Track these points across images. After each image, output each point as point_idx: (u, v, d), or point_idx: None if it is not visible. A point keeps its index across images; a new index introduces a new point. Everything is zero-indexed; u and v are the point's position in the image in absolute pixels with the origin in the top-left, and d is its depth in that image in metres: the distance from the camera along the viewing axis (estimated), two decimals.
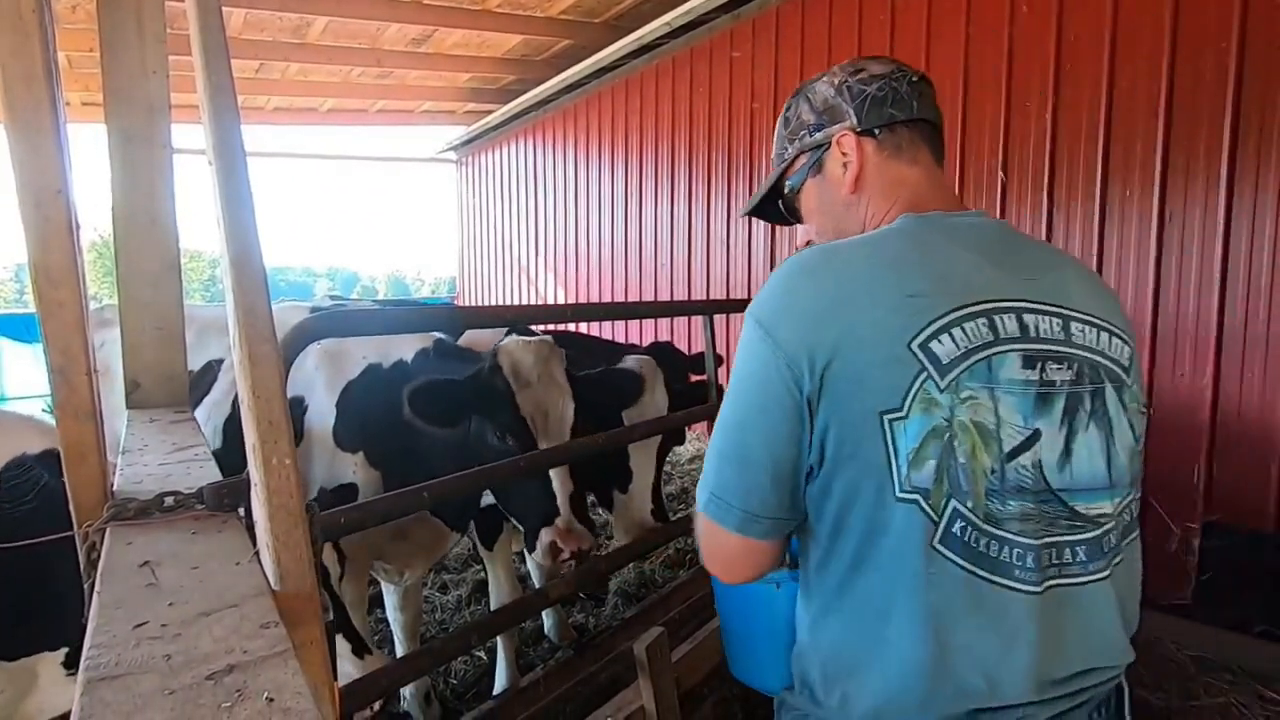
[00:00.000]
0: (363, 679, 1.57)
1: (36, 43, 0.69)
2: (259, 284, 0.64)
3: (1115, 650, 0.82)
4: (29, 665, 1.52)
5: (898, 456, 0.73)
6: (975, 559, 0.75)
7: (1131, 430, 0.82)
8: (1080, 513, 0.78)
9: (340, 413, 2.15)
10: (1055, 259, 0.88)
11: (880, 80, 0.90)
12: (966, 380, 0.73)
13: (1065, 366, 0.78)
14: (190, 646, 0.49)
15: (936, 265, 0.79)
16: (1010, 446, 0.74)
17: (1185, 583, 2.98)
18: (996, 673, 0.76)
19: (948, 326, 0.74)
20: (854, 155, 0.90)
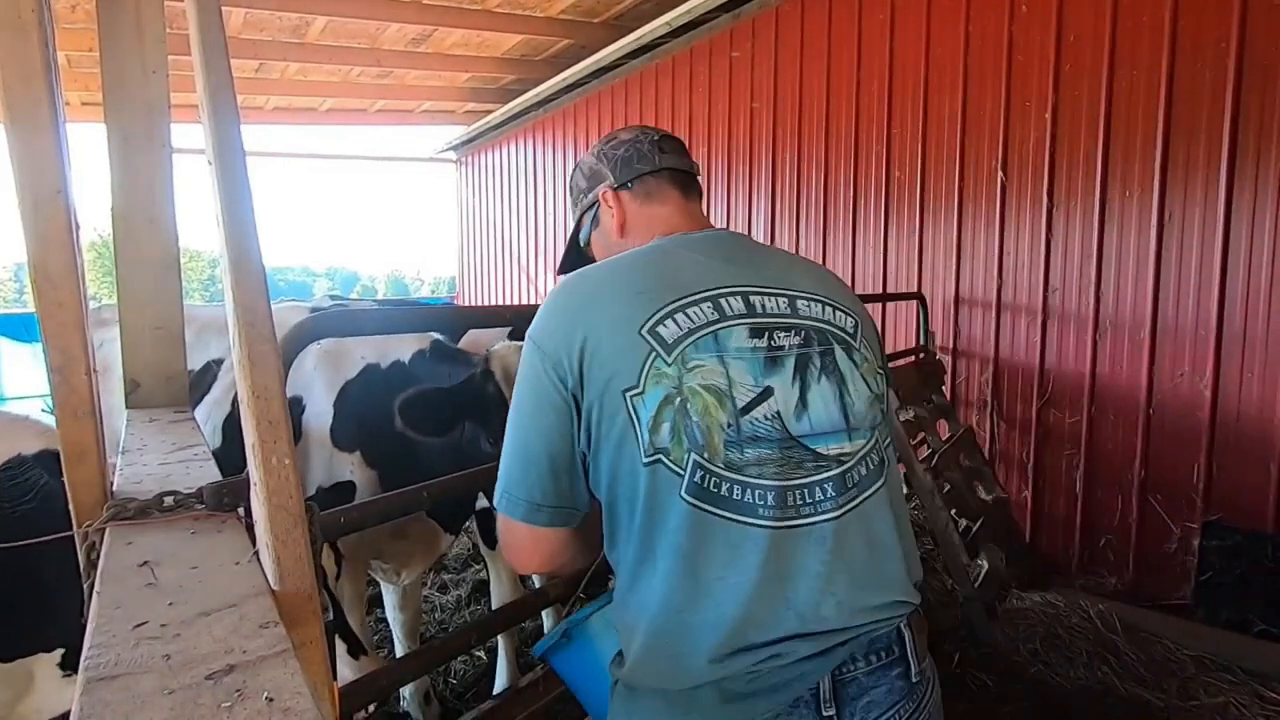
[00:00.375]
0: (363, 679, 1.57)
1: (35, 42, 0.69)
2: (258, 284, 0.64)
3: (879, 585, 0.91)
4: (25, 666, 1.52)
5: (640, 425, 0.86)
6: (719, 502, 0.86)
7: (866, 384, 0.97)
8: (821, 454, 0.90)
9: (338, 412, 2.15)
10: (784, 257, 1.06)
11: (627, 144, 1.12)
12: (692, 353, 0.88)
13: (793, 333, 0.93)
14: (190, 646, 0.49)
15: (667, 267, 0.95)
16: (743, 403, 0.88)
17: (1185, 583, 2.98)
18: (753, 606, 0.85)
19: (672, 312, 0.89)
20: (615, 206, 1.11)
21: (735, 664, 0.86)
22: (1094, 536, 3.31)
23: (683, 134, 5.67)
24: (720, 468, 0.86)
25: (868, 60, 4.21)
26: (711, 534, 0.86)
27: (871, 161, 4.24)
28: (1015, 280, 3.55)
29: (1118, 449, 3.21)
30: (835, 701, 0.88)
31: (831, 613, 0.87)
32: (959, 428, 3.50)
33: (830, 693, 0.88)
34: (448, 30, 6.22)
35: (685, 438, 0.86)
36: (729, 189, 5.32)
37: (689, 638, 0.86)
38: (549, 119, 7.71)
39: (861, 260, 4.35)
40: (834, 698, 0.88)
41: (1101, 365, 3.24)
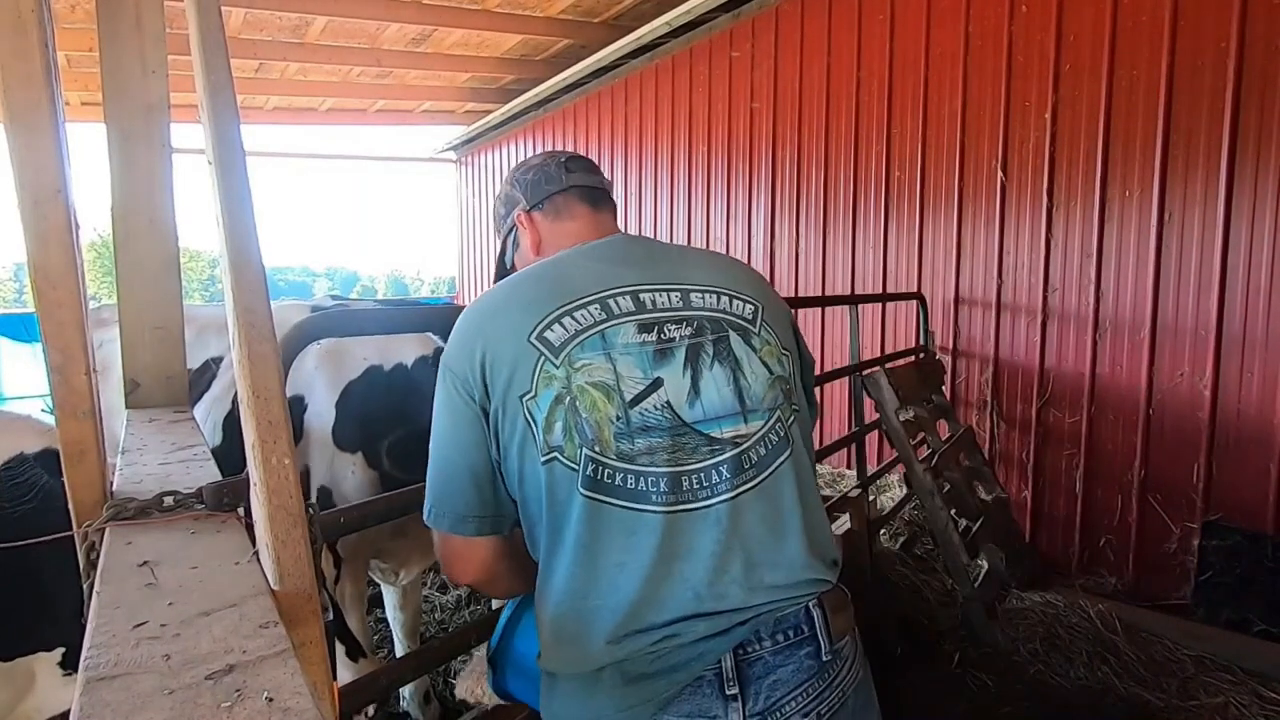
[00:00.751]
0: (362, 679, 1.57)
1: (35, 42, 0.69)
2: (258, 283, 0.64)
3: (784, 564, 0.93)
4: (26, 665, 1.52)
5: (536, 427, 0.91)
6: (613, 492, 0.90)
7: (766, 366, 1.00)
8: (715, 437, 0.93)
9: (340, 413, 2.15)
10: (684, 254, 1.10)
11: (535, 169, 1.18)
12: (578, 353, 0.92)
13: (684, 325, 0.97)
14: (189, 646, 0.49)
15: (559, 276, 1.00)
16: (631, 395, 0.92)
17: (1185, 583, 2.98)
18: (650, 588, 0.88)
19: (559, 317, 0.94)
20: (529, 227, 1.16)
21: (633, 644, 0.89)
22: (1094, 536, 3.31)
23: (683, 134, 5.68)
24: (612, 459, 0.90)
25: (868, 60, 4.20)
26: (608, 523, 0.90)
27: (871, 161, 4.24)
28: (1015, 280, 3.55)
29: (1118, 449, 3.21)
30: (739, 680, 0.89)
31: (729, 591, 0.90)
32: (959, 428, 3.50)
33: (733, 671, 0.89)
34: (447, 30, 6.22)
35: (576, 434, 0.90)
36: (729, 189, 5.32)
37: (589, 622, 0.90)
38: (549, 119, 7.71)
39: (861, 260, 4.35)
40: (737, 677, 0.89)
41: (1101, 365, 3.24)
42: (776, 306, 1.08)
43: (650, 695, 0.89)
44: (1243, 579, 2.76)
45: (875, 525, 2.98)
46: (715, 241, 5.48)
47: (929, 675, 2.49)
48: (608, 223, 1.16)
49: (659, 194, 6.06)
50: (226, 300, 0.66)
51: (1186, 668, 2.48)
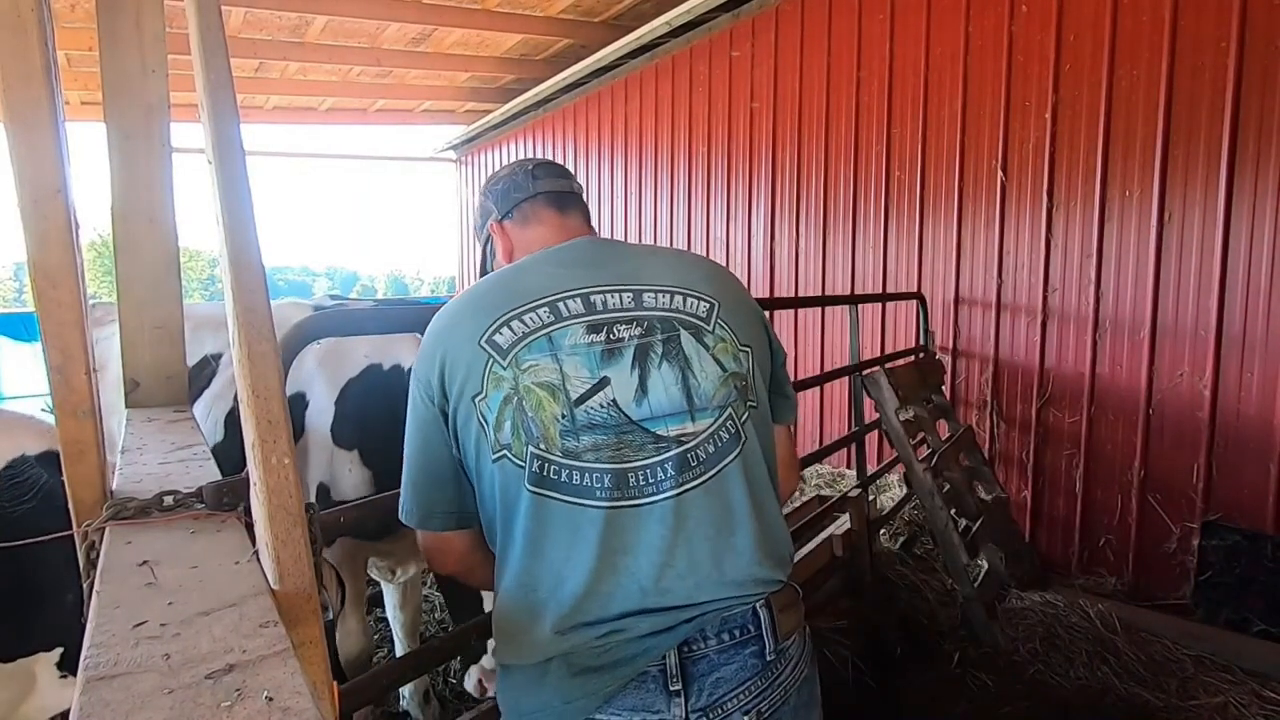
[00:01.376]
0: (362, 678, 1.57)
1: (35, 41, 0.69)
2: (258, 283, 0.64)
3: (730, 564, 0.94)
4: (26, 666, 1.52)
5: (488, 426, 0.94)
6: (559, 488, 0.92)
7: (719, 364, 1.00)
8: (661, 435, 0.94)
9: (339, 410, 2.16)
10: (640, 254, 1.09)
11: (504, 179, 1.21)
12: (525, 355, 0.95)
13: (634, 325, 0.98)
14: (189, 646, 0.49)
15: (514, 282, 1.02)
16: (577, 395, 0.94)
17: (1184, 582, 2.98)
18: (594, 582, 0.90)
19: (508, 320, 0.97)
20: (501, 235, 1.21)
21: (578, 637, 0.91)
22: (1094, 536, 3.31)
23: (682, 134, 5.68)
24: (558, 456, 0.92)
25: (868, 60, 4.20)
26: (553, 518, 0.92)
27: (871, 161, 4.24)
28: (1015, 280, 3.55)
29: (1117, 449, 3.21)
30: (682, 677, 0.92)
31: (674, 587, 0.91)
32: (959, 427, 3.50)
33: (677, 668, 0.92)
34: (447, 30, 6.22)
35: (523, 432, 0.93)
36: (729, 189, 5.32)
37: (537, 614, 0.92)
38: (549, 119, 7.71)
39: (861, 260, 4.35)
40: (681, 673, 0.92)
41: (1101, 365, 3.24)
42: (737, 302, 1.08)
43: (596, 689, 0.91)
44: (1242, 579, 2.76)
45: (875, 525, 2.98)
46: (715, 241, 5.48)
47: (929, 675, 2.49)
48: (574, 225, 1.18)
49: (659, 194, 6.06)
50: (226, 300, 0.66)
51: (1186, 667, 2.48)
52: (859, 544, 2.72)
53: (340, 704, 1.35)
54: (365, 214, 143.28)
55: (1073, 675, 2.47)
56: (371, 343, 2.22)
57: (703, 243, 5.60)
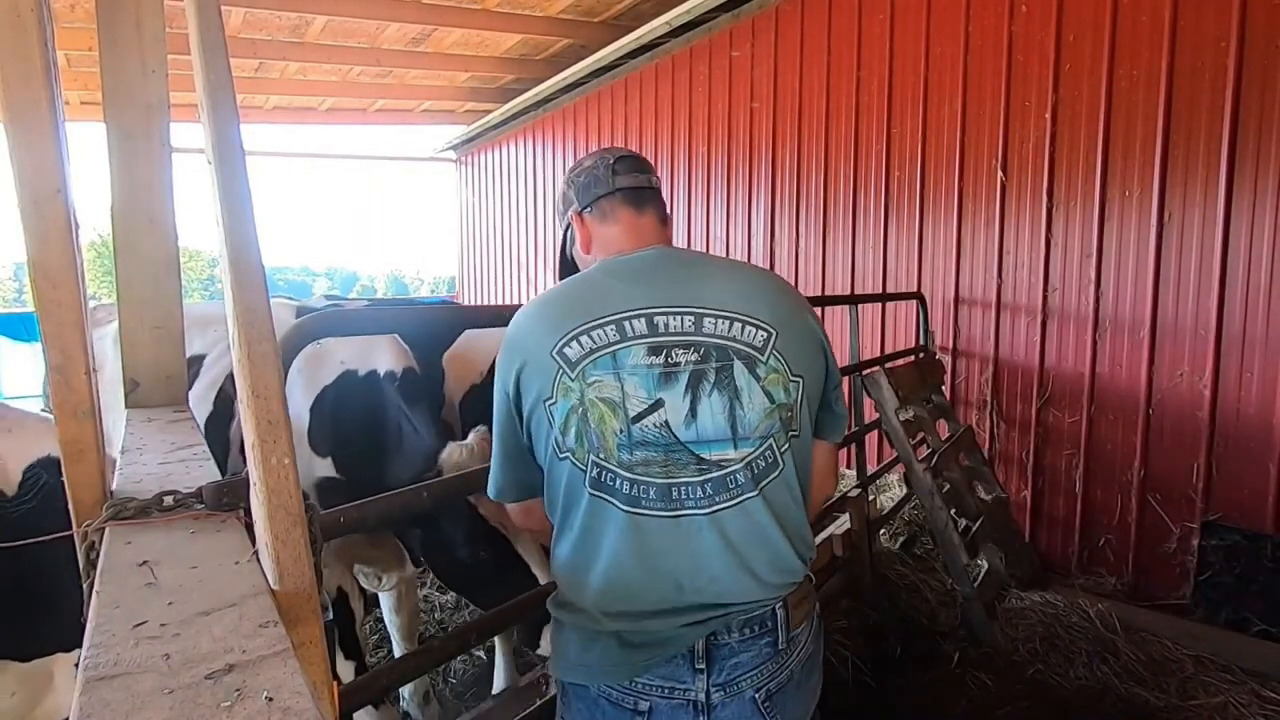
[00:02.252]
0: (362, 678, 1.57)
1: (35, 41, 0.69)
2: (258, 283, 0.64)
3: (751, 574, 1.06)
4: (44, 666, 1.52)
5: (555, 429, 1.06)
6: (613, 494, 1.04)
7: (768, 395, 1.08)
8: (705, 459, 1.05)
9: (314, 416, 2.13)
10: (706, 273, 1.14)
11: (586, 171, 1.26)
12: (591, 370, 1.05)
13: (691, 350, 1.06)
14: (189, 646, 0.49)
15: (584, 295, 1.11)
16: (635, 413, 1.04)
17: (1184, 582, 2.98)
18: (637, 579, 1.04)
19: (578, 335, 1.06)
20: (580, 228, 1.26)
21: (621, 623, 1.07)
22: (1093, 536, 3.31)
23: (682, 134, 5.68)
24: (614, 466, 1.04)
25: (868, 60, 4.20)
26: (607, 518, 1.05)
27: (871, 161, 4.24)
28: (1015, 280, 3.55)
29: (1117, 449, 3.21)
30: (706, 659, 1.07)
31: (705, 589, 1.05)
32: (959, 427, 3.50)
33: (704, 653, 1.07)
34: (447, 30, 6.22)
35: (586, 441, 1.05)
36: (729, 189, 5.32)
37: (586, 595, 1.08)
38: (549, 119, 7.71)
39: (861, 260, 4.35)
40: (706, 657, 1.07)
41: (1101, 365, 3.24)
42: (796, 330, 1.12)
43: (636, 660, 1.07)
44: (1242, 579, 2.76)
45: (875, 525, 2.98)
46: (715, 241, 5.48)
47: (929, 675, 2.49)
48: (648, 227, 1.23)
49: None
50: (226, 300, 0.66)
51: (1186, 667, 2.48)
52: (859, 544, 2.72)
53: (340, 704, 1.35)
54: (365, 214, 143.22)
55: (1073, 675, 2.47)
56: (349, 348, 2.17)
57: (702, 242, 5.60)
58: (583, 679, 1.11)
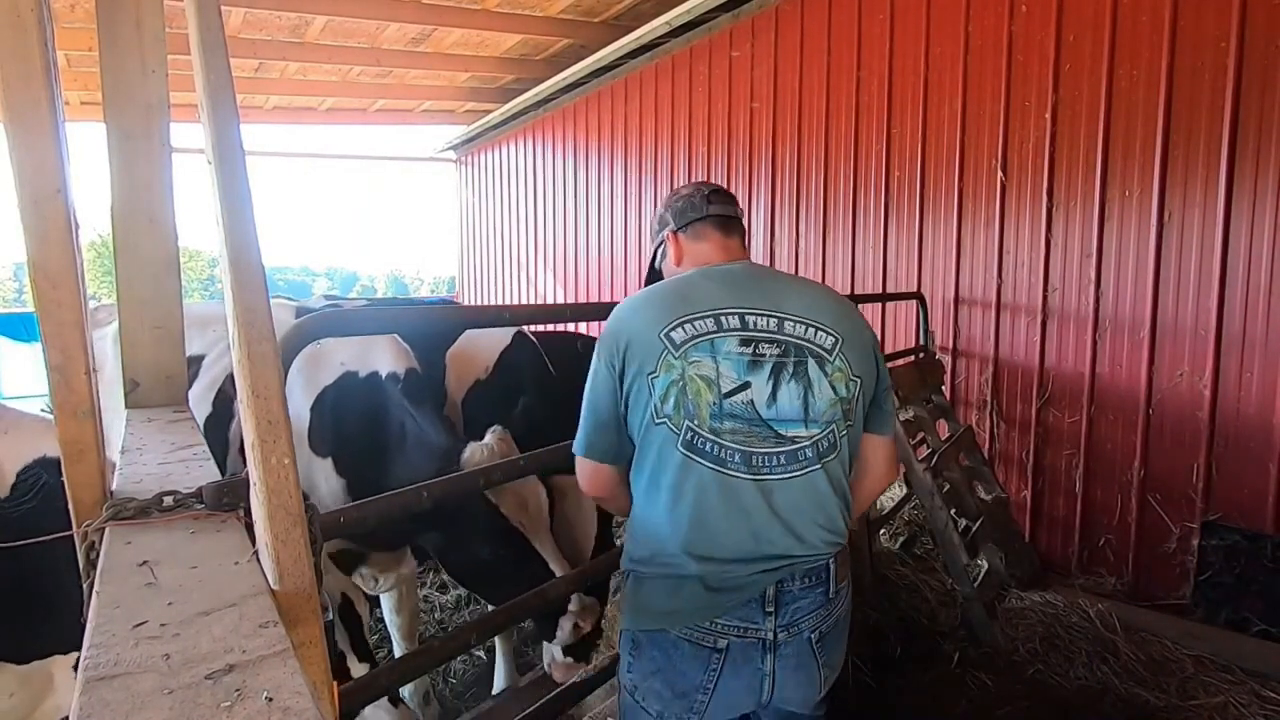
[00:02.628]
0: (362, 678, 1.58)
1: (35, 41, 0.69)
2: (258, 283, 0.64)
3: (815, 532, 1.28)
4: (43, 668, 1.51)
5: (654, 397, 1.26)
6: (703, 455, 1.25)
7: (833, 389, 1.30)
8: (782, 434, 1.27)
9: (315, 416, 2.12)
10: (786, 285, 1.38)
11: (684, 198, 1.50)
12: (693, 352, 1.26)
13: (774, 345, 1.29)
14: (189, 646, 0.49)
15: (686, 292, 1.33)
16: (726, 390, 1.25)
17: (1184, 582, 2.98)
18: (722, 530, 1.24)
19: (681, 323, 1.27)
20: (674, 245, 1.50)
21: (706, 567, 1.25)
22: (1093, 536, 3.31)
23: (682, 134, 5.69)
24: (705, 432, 1.24)
25: (868, 60, 4.20)
26: (696, 475, 1.24)
27: (871, 161, 4.24)
28: (1015, 280, 3.55)
29: (1117, 449, 3.21)
30: (776, 604, 1.27)
31: (776, 541, 1.26)
32: (959, 427, 3.50)
33: (773, 598, 1.27)
34: (447, 30, 6.22)
35: (682, 409, 1.24)
36: (728, 189, 5.31)
37: (676, 544, 1.26)
38: (549, 119, 7.71)
39: (861, 260, 4.35)
40: (775, 601, 1.27)
41: (1101, 365, 3.24)
42: (857, 339, 1.35)
43: (717, 603, 1.25)
44: (1242, 579, 2.76)
45: (875, 525, 2.98)
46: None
47: (929, 675, 2.49)
48: (733, 246, 1.47)
49: (659, 194, 6.06)
50: (226, 300, 0.66)
51: (1186, 667, 2.48)
52: (859, 544, 2.71)
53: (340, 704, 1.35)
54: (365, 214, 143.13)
55: (1073, 675, 2.47)
56: (349, 351, 2.17)
57: None
58: (666, 624, 1.28)
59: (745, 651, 1.27)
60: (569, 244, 7.50)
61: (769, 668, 1.28)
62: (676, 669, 1.28)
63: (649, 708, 1.32)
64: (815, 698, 1.36)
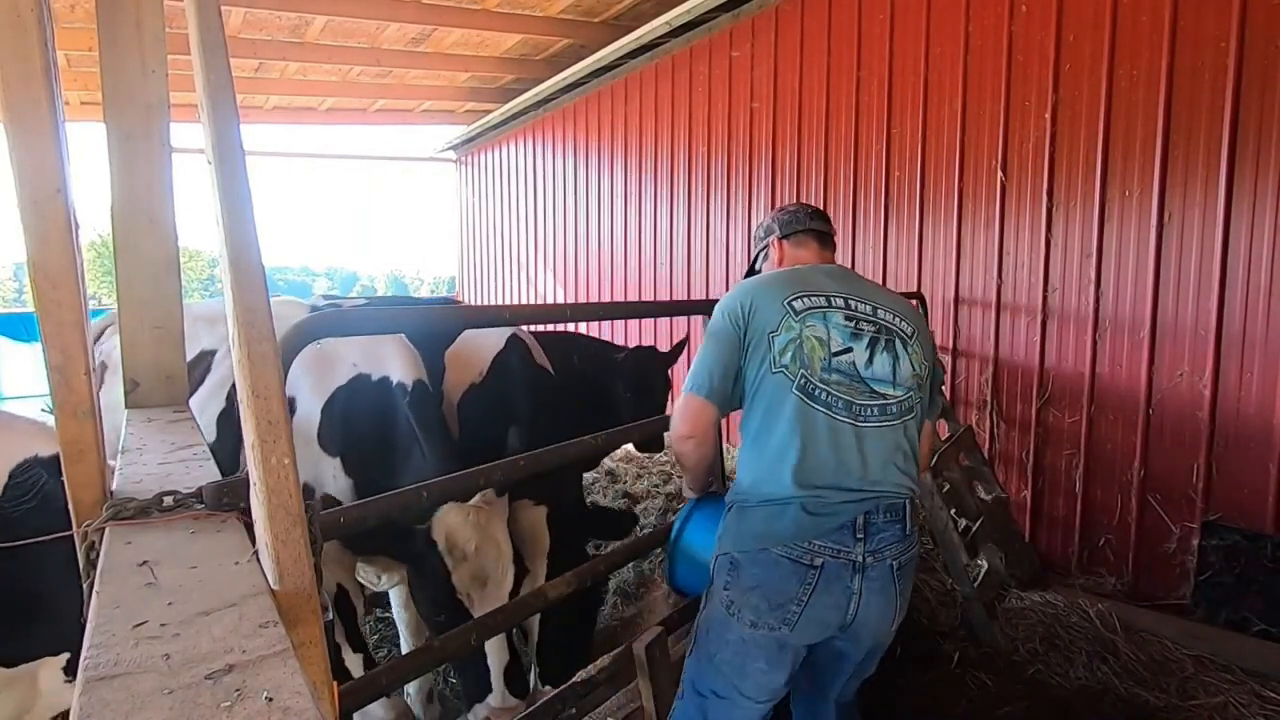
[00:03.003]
0: (363, 678, 1.58)
1: (35, 41, 0.69)
2: (258, 283, 0.64)
3: (896, 474, 1.54)
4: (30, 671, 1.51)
5: (773, 351, 1.54)
6: (814, 400, 1.52)
7: (911, 365, 1.62)
8: (876, 391, 1.56)
9: (325, 417, 2.14)
10: (872, 285, 1.74)
11: (790, 213, 1.86)
12: (810, 318, 1.57)
13: (870, 324, 1.61)
14: (189, 646, 0.49)
15: (799, 277, 1.66)
16: (834, 350, 1.55)
17: (1184, 582, 2.98)
18: (824, 461, 1.49)
19: (800, 296, 1.60)
20: (778, 249, 1.85)
21: (808, 492, 1.48)
22: (1093, 536, 3.31)
23: (682, 134, 5.69)
24: (816, 380, 1.52)
25: (868, 60, 4.20)
26: (806, 415, 1.51)
27: (871, 161, 4.24)
28: (1015, 280, 3.55)
29: (1117, 449, 3.21)
30: (865, 531, 1.49)
31: (867, 475, 1.50)
32: (959, 427, 3.50)
33: (863, 526, 1.49)
34: (447, 30, 6.22)
35: (799, 360, 1.53)
36: (729, 189, 5.32)
37: (786, 471, 1.49)
38: (549, 119, 7.71)
39: (861, 259, 4.34)
40: (864, 529, 1.49)
41: (1101, 365, 3.24)
42: (925, 333, 1.69)
43: (816, 525, 1.47)
44: (1242, 579, 2.76)
45: None
46: (715, 242, 5.48)
47: (929, 675, 2.49)
48: (828, 255, 1.82)
49: (659, 194, 6.06)
50: (226, 300, 0.66)
51: (1186, 667, 2.48)
52: None
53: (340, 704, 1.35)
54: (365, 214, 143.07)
55: (1073, 675, 2.47)
56: (361, 352, 2.20)
57: (703, 242, 5.60)
58: (768, 544, 1.49)
59: (838, 571, 1.47)
60: (569, 244, 7.49)
61: (857, 587, 1.48)
62: (775, 584, 1.48)
63: (743, 618, 1.50)
64: (888, 627, 1.57)
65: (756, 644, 1.50)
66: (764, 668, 1.52)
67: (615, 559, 2.20)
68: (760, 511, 1.51)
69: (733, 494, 1.60)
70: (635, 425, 2.36)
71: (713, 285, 5.55)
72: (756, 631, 1.50)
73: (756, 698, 1.54)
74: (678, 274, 5.90)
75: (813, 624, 1.48)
